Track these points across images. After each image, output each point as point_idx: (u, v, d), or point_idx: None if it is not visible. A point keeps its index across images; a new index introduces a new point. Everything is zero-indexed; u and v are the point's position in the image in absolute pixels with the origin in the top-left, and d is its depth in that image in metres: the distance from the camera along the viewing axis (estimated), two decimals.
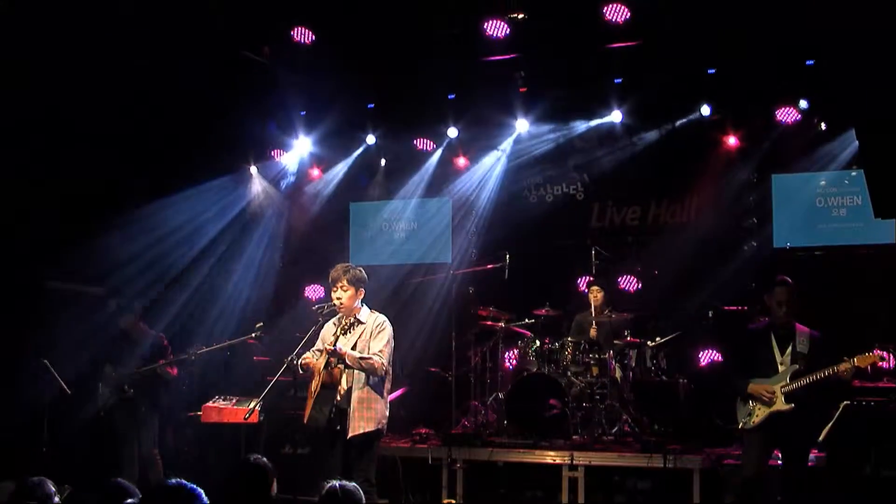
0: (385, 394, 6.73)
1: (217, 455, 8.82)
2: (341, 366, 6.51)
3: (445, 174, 11.48)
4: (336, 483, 4.57)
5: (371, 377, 6.57)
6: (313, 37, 9.69)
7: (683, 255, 10.19)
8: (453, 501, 8.56)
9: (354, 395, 6.54)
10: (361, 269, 6.81)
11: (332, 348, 6.38)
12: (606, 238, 10.70)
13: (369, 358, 6.49)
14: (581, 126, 10.68)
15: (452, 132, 10.93)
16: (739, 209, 10.31)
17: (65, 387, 7.92)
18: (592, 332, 9.40)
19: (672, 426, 8.94)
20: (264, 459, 4.70)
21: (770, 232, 10.12)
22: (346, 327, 6.55)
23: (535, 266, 10.57)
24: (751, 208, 10.28)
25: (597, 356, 9.25)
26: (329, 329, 6.83)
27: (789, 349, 6.91)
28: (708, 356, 10.06)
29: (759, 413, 6.88)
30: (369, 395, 6.57)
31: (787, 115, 9.94)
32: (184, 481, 3.73)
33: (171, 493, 3.76)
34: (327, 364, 6.50)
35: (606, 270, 10.18)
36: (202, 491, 3.75)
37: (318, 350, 6.82)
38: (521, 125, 10.70)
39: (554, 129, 10.72)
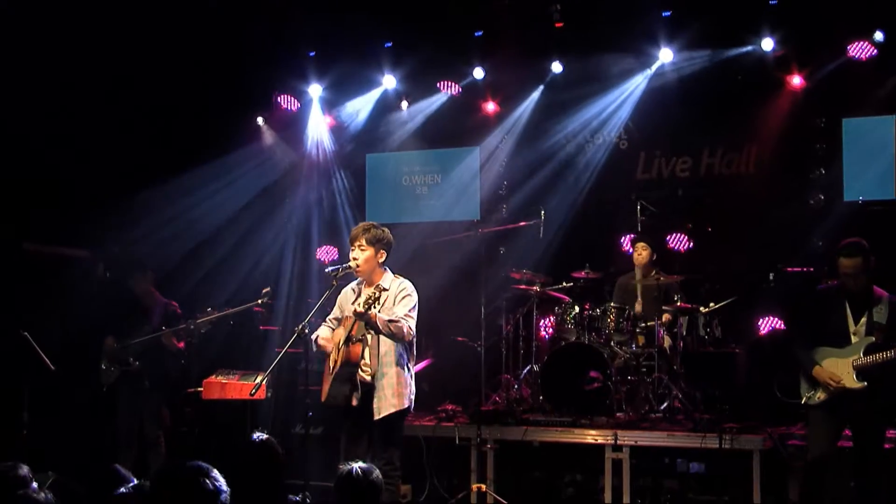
0: (411, 366, 6.72)
1: (220, 436, 8.77)
2: (370, 333, 6.43)
3: (473, 120, 11.37)
4: (354, 466, 4.60)
5: (398, 349, 6.54)
6: None
7: (741, 210, 10.12)
8: (483, 486, 8.53)
9: (383, 371, 6.52)
10: (386, 229, 6.72)
11: (363, 310, 6.25)
12: (654, 191, 10.59)
13: (397, 321, 6.42)
14: (624, 65, 10.51)
15: (479, 73, 10.82)
16: (805, 158, 10.11)
17: (48, 362, 7.85)
18: (638, 308, 9.34)
19: (728, 402, 8.81)
20: (272, 438, 4.62)
21: (840, 184, 9.92)
22: (369, 295, 6.36)
23: (573, 223, 10.59)
24: (818, 157, 10.07)
25: (643, 324, 9.21)
26: (348, 295, 6.77)
27: (864, 318, 6.70)
28: (768, 323, 9.93)
29: (826, 389, 6.69)
30: (398, 370, 6.56)
31: (860, 49, 9.66)
32: (203, 464, 3.61)
33: (188, 477, 3.60)
34: (349, 337, 6.42)
35: (653, 228, 10.11)
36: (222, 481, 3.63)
37: (335, 319, 6.73)
38: (556, 66, 10.61)
39: (598, 66, 10.54)
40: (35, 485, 4.80)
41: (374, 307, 6.36)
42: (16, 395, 7.86)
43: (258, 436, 4.70)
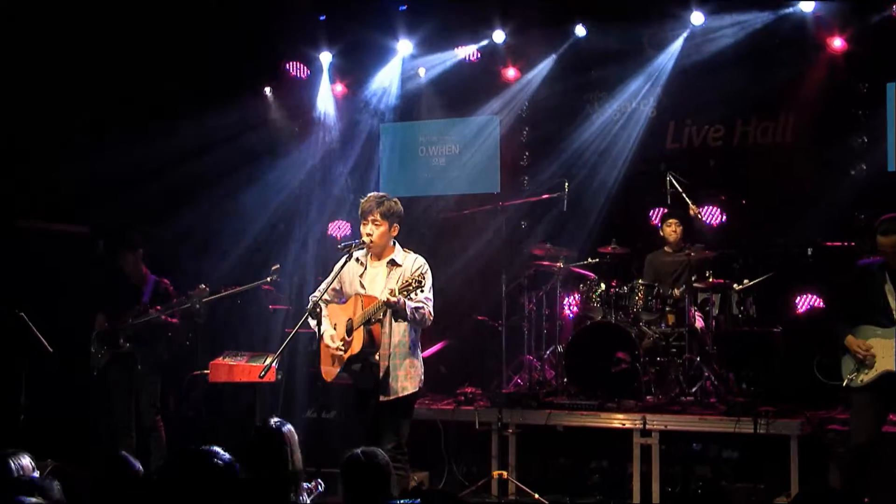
0: (419, 348, 6.72)
1: (228, 421, 8.77)
2: (401, 319, 6.39)
3: (493, 88, 11.27)
4: (357, 451, 4.60)
5: (410, 329, 6.52)
6: None
7: (777, 182, 10.03)
8: (505, 473, 8.50)
9: (395, 352, 6.48)
10: (398, 201, 6.67)
11: (395, 300, 6.18)
12: (684, 162, 10.46)
13: (422, 307, 6.40)
14: (653, 29, 10.42)
15: (499, 37, 10.74)
16: (846, 126, 9.98)
17: (45, 344, 7.82)
18: (676, 293, 9.23)
19: (764, 384, 8.80)
20: (288, 425, 4.60)
21: (883, 153, 9.78)
22: (407, 282, 6.26)
23: (599, 196, 10.52)
24: (860, 125, 9.94)
25: (673, 302, 9.15)
26: (353, 268, 6.67)
27: None
28: (806, 301, 9.89)
29: (868, 370, 6.61)
30: (408, 352, 6.53)
31: None
32: (218, 449, 3.61)
33: (199, 461, 3.60)
34: (369, 319, 6.36)
35: (684, 200, 9.92)
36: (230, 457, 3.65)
37: (333, 289, 6.69)
38: (579, 30, 10.56)
39: (625, 30, 10.46)
40: (37, 473, 4.78)
41: (387, 287, 6.31)
42: (13, 378, 7.84)
43: (273, 421, 4.64)
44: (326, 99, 11.77)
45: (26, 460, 4.74)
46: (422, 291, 6.30)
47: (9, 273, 9.09)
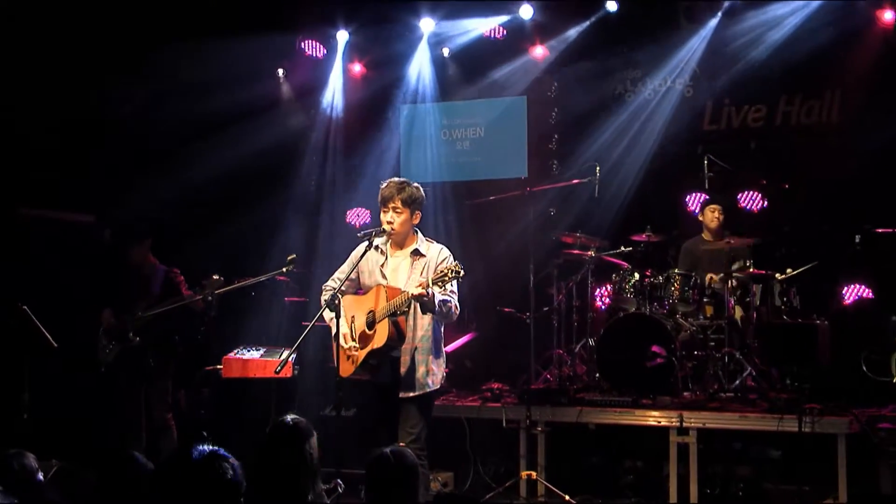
0: (442, 343, 6.71)
1: (241, 419, 8.79)
2: (428, 312, 6.37)
3: (520, 66, 11.25)
4: (386, 449, 4.59)
5: (434, 322, 6.51)
6: None
7: (822, 165, 9.94)
8: (534, 473, 8.46)
9: (418, 346, 6.49)
10: (419, 186, 6.64)
11: (425, 293, 6.13)
12: (723, 144, 10.45)
13: (449, 300, 6.38)
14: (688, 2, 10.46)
15: (527, 12, 10.72)
16: None
17: (49, 339, 7.82)
18: (715, 279, 9.22)
19: (809, 380, 8.61)
20: (305, 422, 4.60)
21: None
22: (442, 274, 6.22)
23: (632, 181, 10.52)
24: None
25: (712, 292, 9.14)
26: (373, 259, 6.67)
27: None
28: (854, 292, 9.85)
29: None
30: (430, 346, 6.53)
31: None
32: (220, 450, 3.60)
33: (201, 466, 3.58)
34: (394, 313, 6.32)
35: (723, 185, 10.03)
36: (238, 464, 3.63)
37: (349, 279, 6.68)
38: (610, 5, 10.57)
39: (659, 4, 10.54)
40: (41, 475, 4.78)
41: (410, 279, 6.27)
42: (15, 374, 7.83)
43: (291, 418, 4.61)
44: (342, 79, 11.77)
45: (30, 461, 4.73)
46: (418, 272, 6.38)
47: (11, 264, 9.11)
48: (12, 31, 9.00)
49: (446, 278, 6.10)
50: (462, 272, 6.14)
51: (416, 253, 6.55)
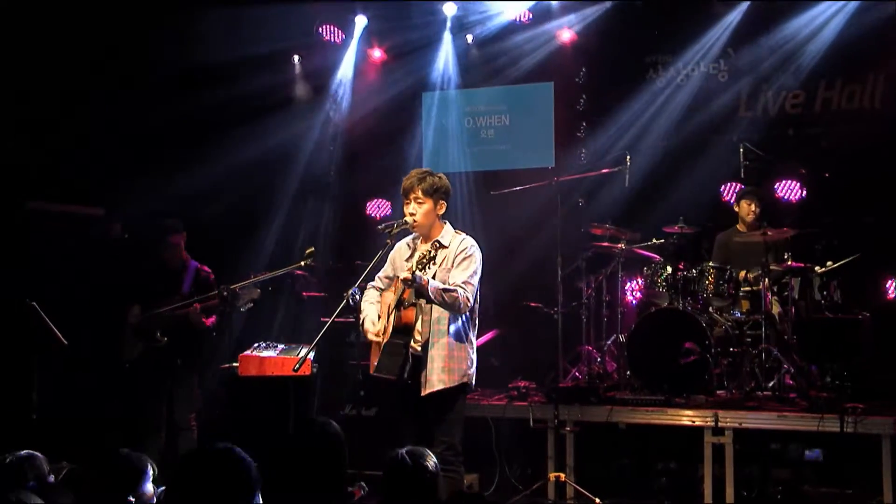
0: (471, 337, 6.63)
1: (257, 419, 8.69)
2: (422, 301, 6.36)
3: (547, 52, 11.23)
4: (402, 451, 4.57)
5: (453, 317, 6.46)
6: None
7: (864, 152, 9.87)
8: (562, 475, 8.46)
9: (433, 341, 6.44)
10: (443, 176, 6.64)
11: (411, 276, 6.17)
12: (759, 131, 10.44)
13: (453, 290, 6.35)
14: None
15: None
16: None
17: (59, 336, 7.84)
18: (750, 277, 9.23)
19: (850, 378, 8.62)
20: (334, 424, 4.51)
21: None
22: (423, 254, 6.34)
23: (664, 170, 10.51)
24: None
25: (748, 286, 9.11)
26: (402, 252, 6.72)
27: None
28: None
29: None
30: (451, 341, 6.47)
31: None
32: (234, 447, 3.59)
33: (216, 461, 3.57)
34: (400, 301, 6.35)
35: (760, 174, 10.00)
36: (251, 461, 3.61)
37: (386, 277, 6.75)
38: None
39: None
40: (52, 478, 4.78)
41: (428, 270, 6.26)
42: (24, 373, 7.83)
43: (320, 420, 4.57)
44: (362, 65, 11.81)
45: (41, 464, 4.73)
46: (463, 270, 6.36)
47: (19, 259, 9.15)
48: (20, 15, 9.03)
49: (421, 263, 6.16)
50: (430, 258, 6.23)
51: (439, 244, 6.55)
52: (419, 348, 6.44)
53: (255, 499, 3.55)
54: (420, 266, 6.21)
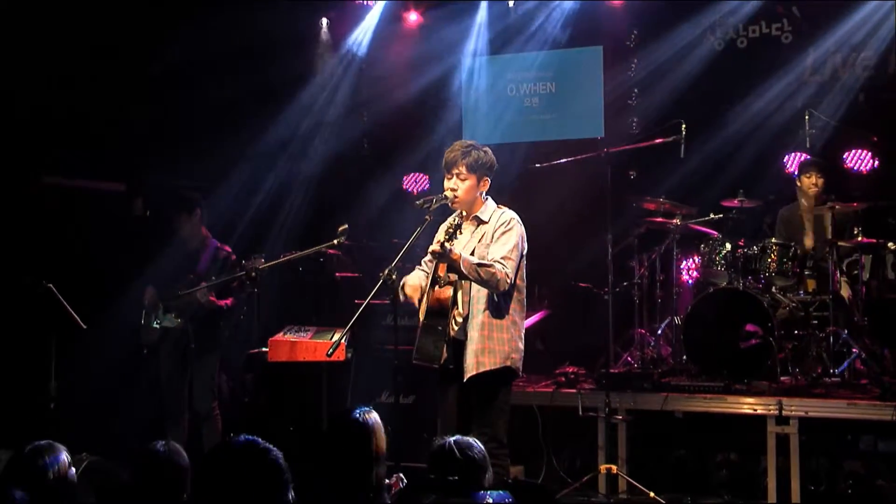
0: (516, 319, 6.58)
1: (289, 407, 8.83)
2: (455, 277, 6.35)
3: (594, 12, 11.27)
4: (449, 439, 4.57)
5: (496, 296, 6.43)
6: None
7: None
8: (614, 467, 8.43)
9: (473, 321, 6.43)
10: (488, 150, 6.62)
11: (441, 249, 6.17)
12: (827, 97, 10.35)
13: (490, 265, 6.31)
14: None
15: None
16: None
17: (78, 319, 7.88)
18: (807, 244, 9.20)
19: None
20: (374, 415, 4.55)
21: None
22: (450, 224, 6.31)
23: (722, 139, 10.44)
24: None
25: (814, 264, 9.08)
26: (444, 231, 6.60)
27: None
28: None
29: None
30: (492, 321, 6.44)
31: None
32: (257, 439, 3.60)
33: (240, 455, 3.57)
34: (435, 279, 6.34)
35: (827, 143, 9.98)
36: (280, 453, 3.61)
37: (430, 261, 6.72)
38: None
39: None
40: (73, 470, 4.80)
41: (456, 241, 6.24)
42: (41, 359, 7.84)
43: (359, 410, 4.55)
44: (396, 30, 11.83)
45: (63, 455, 4.75)
46: (503, 245, 6.34)
47: (35, 238, 9.22)
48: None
49: (448, 232, 6.16)
50: (456, 226, 6.22)
51: (478, 220, 6.54)
52: (458, 329, 6.42)
53: (287, 496, 3.53)
54: (447, 236, 6.19)
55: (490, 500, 4.19)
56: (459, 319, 6.43)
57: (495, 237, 6.47)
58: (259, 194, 10.83)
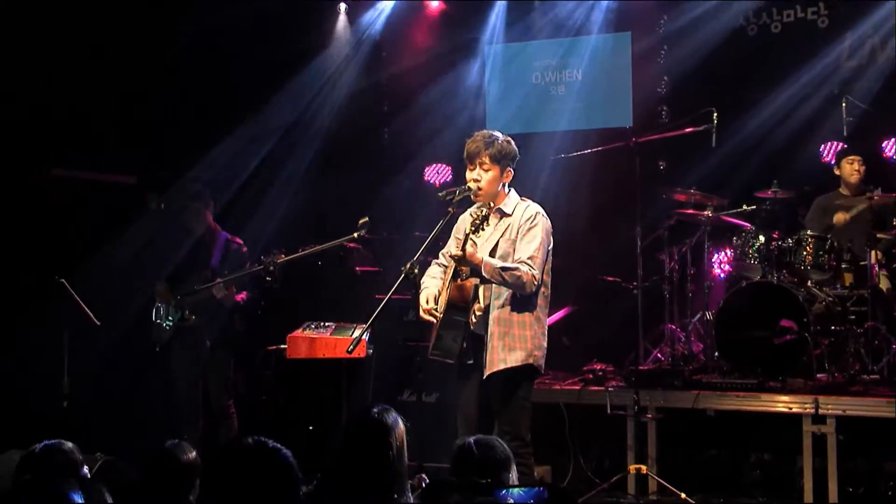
0: (539, 314, 6.55)
1: (307, 405, 8.86)
2: (474, 278, 6.34)
3: None
4: (469, 439, 4.61)
5: (518, 292, 6.41)
6: None
7: None
8: (644, 467, 8.41)
9: (493, 316, 6.42)
10: (511, 140, 6.60)
11: (460, 253, 6.17)
12: (865, 83, 10.29)
13: (515, 268, 6.30)
14: None
15: None
16: None
17: (91, 316, 7.91)
18: (839, 217, 9.20)
19: None
20: (394, 414, 4.54)
21: None
22: (475, 215, 6.31)
23: (756, 128, 10.42)
24: None
25: (852, 257, 9.02)
26: (466, 222, 6.64)
27: None
28: None
29: None
30: (513, 317, 6.43)
31: None
32: (266, 440, 3.61)
33: (250, 456, 3.58)
34: (456, 274, 6.33)
35: (865, 131, 9.93)
36: (289, 452, 3.61)
37: (450, 254, 6.71)
38: None
39: None
40: (86, 469, 4.80)
41: (481, 233, 6.23)
42: (53, 356, 7.84)
43: (377, 409, 4.54)
44: (416, 16, 11.86)
45: (76, 455, 4.76)
46: (528, 243, 6.33)
47: (44, 232, 9.25)
48: None
49: (473, 227, 6.14)
50: (482, 218, 6.16)
51: (501, 212, 6.52)
52: (478, 323, 6.42)
53: (297, 497, 3.54)
54: (473, 227, 6.17)
55: (511, 501, 4.17)
56: (479, 313, 6.42)
57: (521, 234, 6.45)
58: (274, 186, 10.84)
